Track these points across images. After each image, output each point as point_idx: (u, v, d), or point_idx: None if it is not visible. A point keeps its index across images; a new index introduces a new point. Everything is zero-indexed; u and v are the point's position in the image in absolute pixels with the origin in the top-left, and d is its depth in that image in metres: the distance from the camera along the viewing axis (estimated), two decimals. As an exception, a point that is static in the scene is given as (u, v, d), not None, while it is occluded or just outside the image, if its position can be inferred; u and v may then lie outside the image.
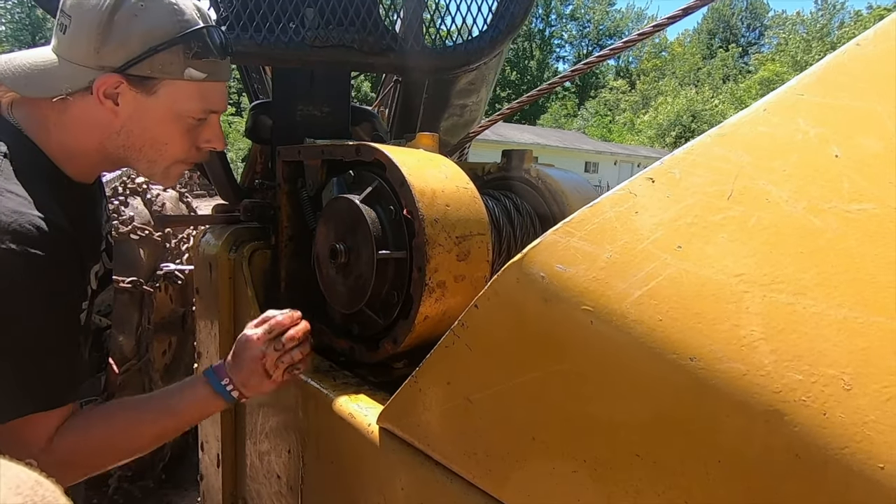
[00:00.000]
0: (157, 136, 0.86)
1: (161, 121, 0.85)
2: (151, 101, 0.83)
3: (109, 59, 0.79)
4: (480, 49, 1.29)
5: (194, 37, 0.81)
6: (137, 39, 0.79)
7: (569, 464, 0.50)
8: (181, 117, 0.86)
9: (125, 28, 0.78)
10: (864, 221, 0.40)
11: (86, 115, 0.83)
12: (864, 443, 0.34)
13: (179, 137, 0.88)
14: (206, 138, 0.91)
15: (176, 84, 0.83)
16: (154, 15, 0.79)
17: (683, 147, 0.51)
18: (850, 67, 0.47)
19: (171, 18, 0.80)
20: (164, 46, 0.80)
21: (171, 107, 0.84)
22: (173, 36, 0.80)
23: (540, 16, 49.72)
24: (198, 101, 0.86)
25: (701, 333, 0.42)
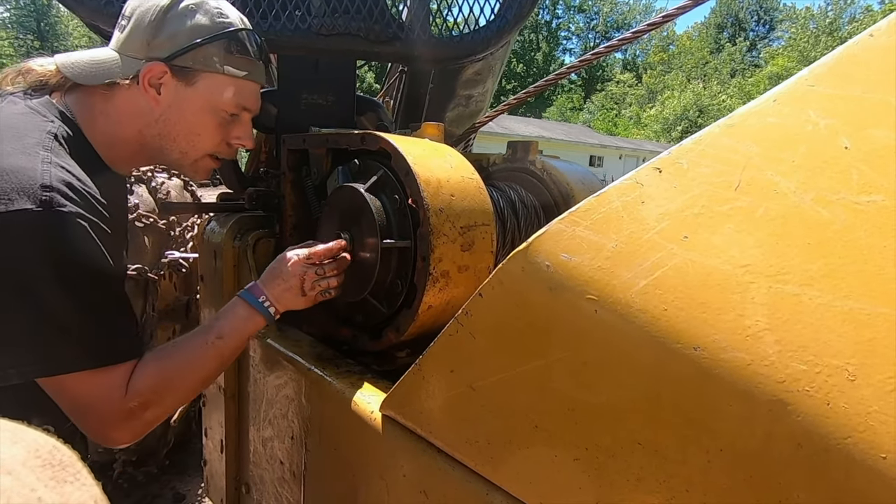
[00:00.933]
0: (193, 126, 0.93)
1: (198, 111, 0.92)
2: (191, 92, 0.90)
3: (158, 50, 0.87)
4: (487, 39, 1.28)
5: (235, 36, 0.90)
6: (185, 34, 0.87)
7: (571, 451, 0.50)
8: (216, 110, 0.93)
9: (175, 24, 0.87)
10: (873, 213, 0.40)
11: (130, 102, 0.89)
12: (867, 433, 0.35)
13: (213, 130, 0.94)
14: (237, 135, 0.98)
15: (215, 77, 0.90)
16: (202, 14, 0.89)
17: (691, 137, 0.50)
18: (863, 58, 0.47)
19: (216, 18, 0.89)
20: (208, 41, 0.88)
21: (209, 98, 0.91)
22: (216, 33, 0.88)
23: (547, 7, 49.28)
24: (233, 95, 0.93)
25: (706, 323, 0.42)
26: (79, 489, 0.24)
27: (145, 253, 2.18)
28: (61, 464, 0.24)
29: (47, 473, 0.23)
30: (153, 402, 0.80)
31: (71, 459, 0.24)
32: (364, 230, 0.90)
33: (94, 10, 1.02)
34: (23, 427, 0.25)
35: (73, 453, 0.25)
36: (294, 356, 1.00)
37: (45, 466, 0.23)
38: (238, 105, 0.94)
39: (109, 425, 0.78)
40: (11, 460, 0.23)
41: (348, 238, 0.93)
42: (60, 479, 0.23)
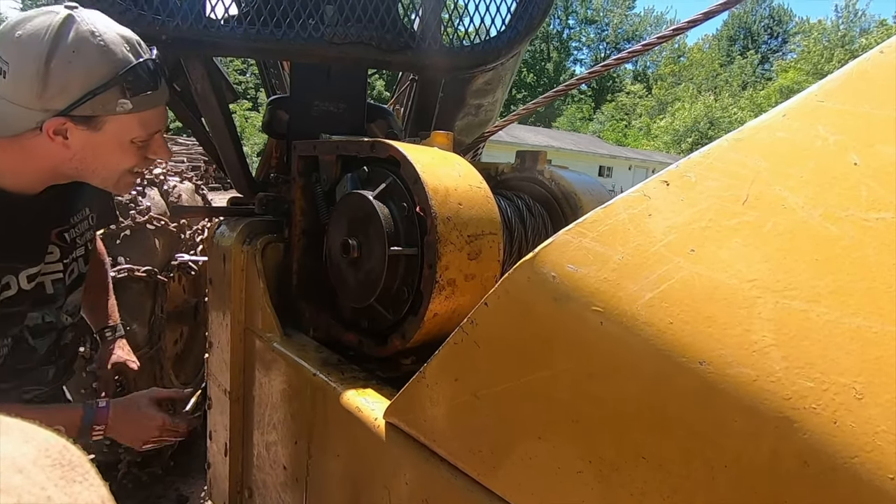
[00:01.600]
0: (109, 161, 0.98)
1: (110, 150, 0.96)
2: (99, 136, 0.93)
3: (53, 103, 0.87)
4: (497, 49, 1.29)
5: (128, 75, 0.90)
6: (76, 84, 0.86)
7: (574, 464, 0.50)
8: (128, 144, 0.97)
9: (62, 74, 0.85)
10: (882, 230, 0.40)
11: (38, 147, 0.92)
12: (875, 453, 0.34)
13: (129, 158, 0.99)
14: (153, 152, 1.03)
15: (118, 118, 0.92)
16: (87, 59, 0.86)
17: (700, 151, 0.50)
18: (874, 75, 0.47)
19: (103, 60, 0.87)
20: (101, 89, 0.88)
21: (118, 138, 0.95)
22: (108, 78, 0.88)
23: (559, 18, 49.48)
24: (139, 128, 0.96)
25: (712, 338, 0.41)
26: (87, 489, 0.24)
27: (155, 255, 2.20)
28: (71, 464, 0.24)
29: (57, 473, 0.23)
30: None
31: (80, 460, 0.25)
32: (372, 237, 0.91)
33: (111, 16, 1.04)
34: (34, 426, 0.25)
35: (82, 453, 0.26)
36: (299, 361, 1.01)
37: (55, 466, 0.23)
38: (147, 134, 0.98)
39: None
40: (23, 458, 0.23)
41: (354, 243, 0.93)
42: (70, 478, 0.23)
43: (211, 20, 1.08)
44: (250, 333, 1.21)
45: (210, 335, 1.39)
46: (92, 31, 0.87)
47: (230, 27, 1.09)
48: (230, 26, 1.09)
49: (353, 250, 0.93)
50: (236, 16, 1.12)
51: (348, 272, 0.97)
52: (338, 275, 1.01)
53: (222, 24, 1.09)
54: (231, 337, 1.24)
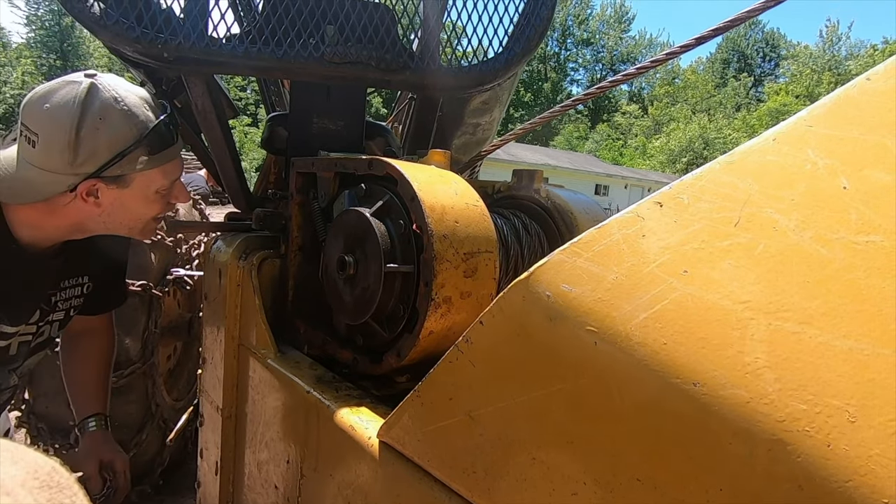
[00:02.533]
0: (136, 213, 1.06)
1: (138, 203, 1.04)
2: (127, 192, 1.02)
3: (84, 168, 0.94)
4: (495, 70, 1.31)
5: (151, 135, 0.98)
6: (104, 148, 0.94)
7: (569, 485, 0.50)
8: (153, 196, 1.05)
9: (91, 141, 0.93)
10: (872, 253, 0.40)
11: (68, 206, 0.99)
12: (869, 476, 0.34)
13: (155, 207, 1.08)
14: (175, 197, 1.12)
15: (144, 174, 1.01)
16: (113, 125, 0.94)
17: (692, 173, 0.51)
18: (860, 101, 0.48)
19: (127, 123, 0.95)
20: (129, 150, 0.95)
21: (144, 192, 1.03)
22: (133, 140, 0.96)
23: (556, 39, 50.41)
24: (163, 179, 1.05)
25: (705, 359, 0.42)
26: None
27: (151, 269, 2.19)
28: (59, 486, 0.24)
29: (45, 495, 0.23)
30: None
31: (69, 481, 0.25)
32: (368, 254, 0.91)
33: (116, 34, 1.06)
34: (23, 448, 0.25)
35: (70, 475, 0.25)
36: (293, 378, 1.00)
37: (43, 488, 0.23)
38: (170, 181, 1.07)
39: None
40: (10, 481, 0.23)
41: (351, 260, 0.94)
42: (57, 501, 0.23)
43: (213, 39, 1.10)
44: (244, 350, 1.21)
45: (204, 351, 1.38)
46: (115, 97, 0.95)
47: (231, 46, 1.11)
48: (231, 45, 1.11)
49: (349, 267, 0.93)
50: (238, 35, 1.14)
51: (344, 289, 0.97)
52: (334, 291, 1.01)
53: (224, 42, 1.11)
54: (225, 353, 1.23)
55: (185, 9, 1.09)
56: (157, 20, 1.06)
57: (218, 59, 1.10)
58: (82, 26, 1.08)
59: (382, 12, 1.24)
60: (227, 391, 1.23)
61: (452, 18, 1.34)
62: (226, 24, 1.13)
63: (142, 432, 2.19)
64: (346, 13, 1.19)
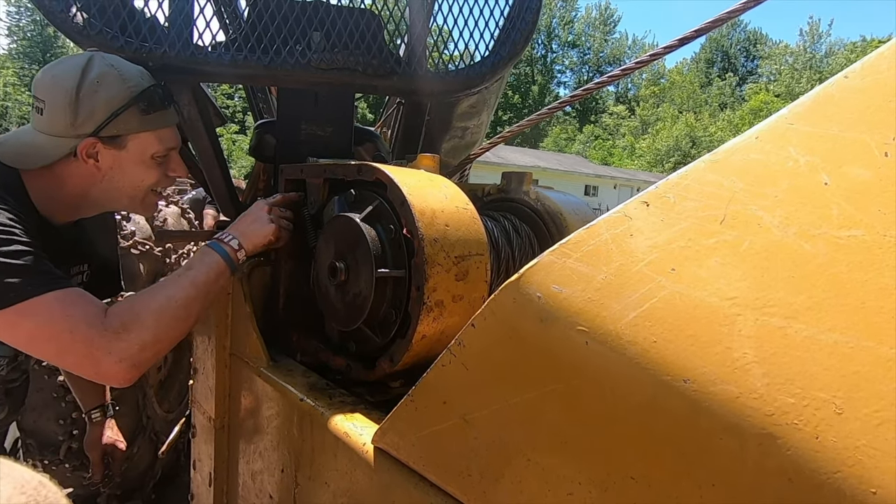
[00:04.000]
0: (134, 177, 1.09)
1: (135, 165, 1.08)
2: (124, 154, 1.06)
3: (83, 128, 1.00)
4: (482, 74, 1.32)
5: (143, 97, 1.03)
6: (101, 108, 1.00)
7: (564, 486, 0.50)
8: (150, 160, 1.09)
9: (89, 102, 0.99)
10: (854, 247, 0.41)
11: (74, 172, 1.05)
12: (857, 467, 0.35)
13: (151, 173, 1.11)
14: (171, 169, 1.14)
15: (139, 136, 1.06)
16: (109, 86, 1.00)
17: (678, 172, 0.52)
18: (839, 98, 0.49)
19: (122, 86, 1.01)
20: (122, 109, 1.01)
21: (141, 154, 1.07)
22: (127, 99, 1.01)
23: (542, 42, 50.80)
24: (158, 144, 1.08)
25: (694, 356, 0.42)
26: None
27: (140, 279, 2.17)
28: (46, 500, 0.23)
29: None
30: (133, 323, 0.90)
31: (56, 496, 0.24)
32: (359, 259, 0.91)
33: (99, 44, 1.05)
34: (10, 463, 0.25)
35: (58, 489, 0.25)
36: (286, 386, 0.99)
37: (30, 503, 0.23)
38: (165, 149, 1.10)
39: (98, 350, 0.87)
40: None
41: (342, 266, 0.93)
42: None
43: (198, 47, 1.09)
44: (236, 359, 1.20)
45: (195, 361, 1.36)
46: (111, 64, 1.02)
47: (217, 54, 1.10)
48: (217, 53, 1.11)
49: (340, 273, 0.93)
50: (224, 42, 1.14)
51: (336, 295, 0.97)
52: (325, 298, 1.00)
53: (209, 50, 1.11)
54: (216, 363, 1.22)
55: (170, 17, 1.09)
56: (141, 29, 1.06)
57: (204, 67, 1.10)
58: (65, 36, 1.08)
59: (369, 18, 1.24)
60: (220, 401, 1.22)
61: (439, 23, 1.34)
62: (211, 31, 1.13)
63: (133, 445, 2.16)
64: (332, 19, 1.19)
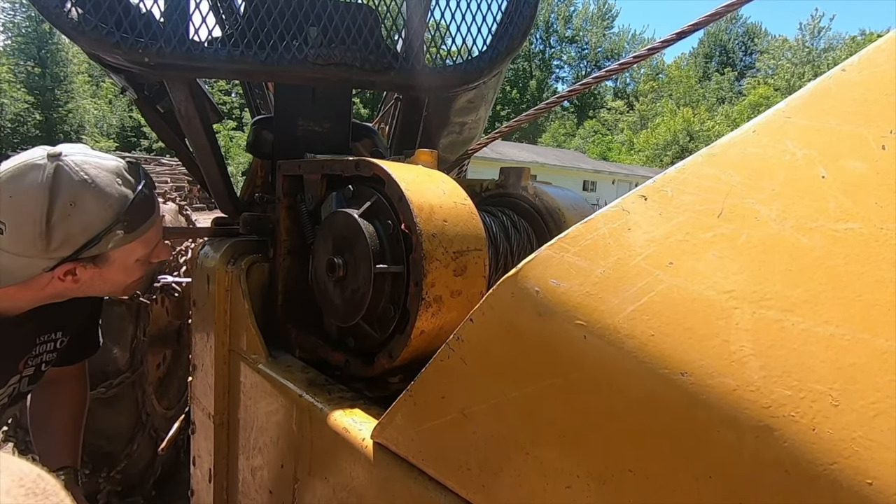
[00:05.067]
0: (117, 281, 1.03)
1: (117, 274, 1.01)
2: (106, 267, 0.97)
3: (59, 252, 0.90)
4: (480, 69, 1.31)
5: (126, 214, 0.93)
6: (79, 232, 0.89)
7: (562, 479, 0.50)
8: (133, 264, 1.02)
9: (64, 228, 0.88)
10: (850, 240, 0.41)
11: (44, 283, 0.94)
12: (853, 459, 0.35)
13: (135, 273, 1.05)
14: (156, 257, 1.08)
15: (123, 249, 0.96)
16: (85, 208, 0.89)
17: (675, 166, 0.52)
18: (836, 92, 0.49)
19: (101, 205, 0.90)
20: (104, 232, 0.91)
21: (124, 264, 1.00)
22: (109, 221, 0.91)
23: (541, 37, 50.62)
24: (143, 249, 1.01)
25: (692, 349, 0.42)
26: None
27: (138, 277, 2.16)
28: (45, 493, 0.23)
29: (30, 502, 0.23)
30: None
31: (55, 489, 0.24)
32: (357, 255, 0.91)
33: (95, 40, 1.04)
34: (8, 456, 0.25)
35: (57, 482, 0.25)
36: (285, 382, 0.99)
37: (29, 495, 0.23)
38: (150, 248, 1.03)
39: None
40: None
41: (340, 262, 0.93)
42: None
43: (194, 43, 1.09)
44: (235, 355, 1.20)
45: (194, 358, 1.37)
46: (84, 179, 0.89)
47: (214, 49, 1.10)
48: (214, 49, 1.10)
49: (338, 269, 0.93)
50: (220, 38, 1.13)
51: (334, 291, 0.97)
52: (324, 294, 1.00)
53: (206, 46, 1.10)
54: (215, 359, 1.22)
55: (166, 12, 1.08)
56: (136, 24, 1.05)
57: (200, 63, 1.09)
58: (60, 32, 1.07)
59: (366, 13, 1.23)
60: (219, 398, 1.22)
61: (436, 18, 1.34)
62: (207, 27, 1.12)
63: (132, 442, 2.17)
64: (329, 14, 1.18)
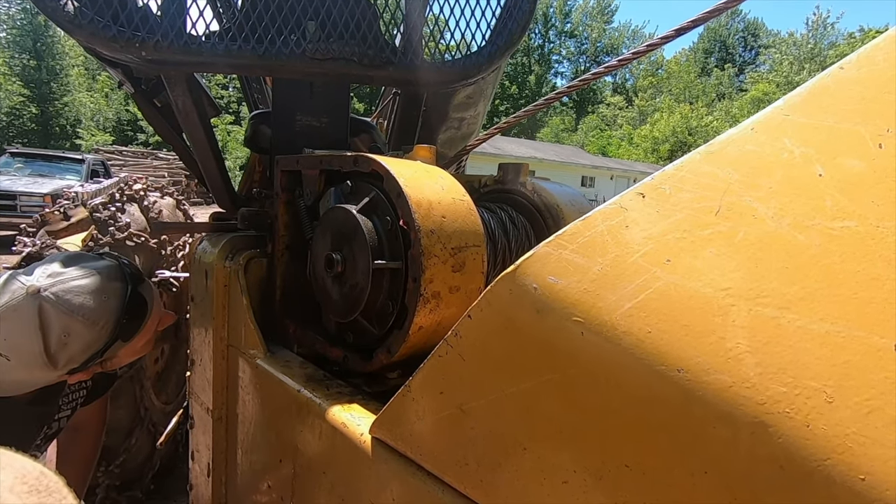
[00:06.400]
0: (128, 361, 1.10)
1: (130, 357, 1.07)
2: (117, 360, 1.04)
3: (68, 367, 0.96)
4: (478, 64, 1.31)
5: (121, 328, 0.97)
6: (80, 354, 0.95)
7: (559, 474, 0.50)
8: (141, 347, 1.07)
9: (64, 354, 0.94)
10: (847, 238, 0.41)
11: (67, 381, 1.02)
12: (846, 455, 0.35)
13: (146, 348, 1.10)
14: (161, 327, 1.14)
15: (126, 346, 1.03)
16: (79, 336, 0.94)
17: (673, 163, 0.52)
18: (834, 90, 0.49)
19: (93, 329, 0.94)
20: (104, 348, 0.96)
21: (130, 354, 1.05)
22: (105, 341, 0.96)
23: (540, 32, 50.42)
24: (145, 337, 1.06)
25: (689, 345, 0.42)
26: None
27: (136, 272, 2.16)
28: (48, 489, 0.24)
29: (34, 499, 0.23)
30: None
31: (57, 485, 0.25)
32: (355, 251, 0.91)
33: (91, 33, 1.04)
34: (10, 453, 0.25)
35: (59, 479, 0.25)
36: (283, 377, 1.00)
37: (32, 492, 0.23)
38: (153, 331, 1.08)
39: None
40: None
41: (339, 258, 0.93)
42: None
43: (191, 37, 1.08)
44: (233, 350, 1.20)
45: (192, 353, 1.37)
46: (68, 310, 0.92)
47: (211, 44, 1.09)
48: (211, 43, 1.09)
49: (337, 265, 0.93)
50: (217, 32, 1.13)
51: (333, 287, 0.97)
52: (322, 289, 1.00)
53: (203, 40, 1.09)
54: (214, 354, 1.22)
55: (163, 6, 1.07)
56: (133, 18, 1.04)
57: (197, 57, 1.09)
58: (56, 25, 1.06)
59: (364, 7, 1.23)
60: (217, 393, 1.23)
61: (435, 13, 1.33)
62: (205, 21, 1.12)
63: (131, 437, 2.17)
64: (328, 8, 1.18)
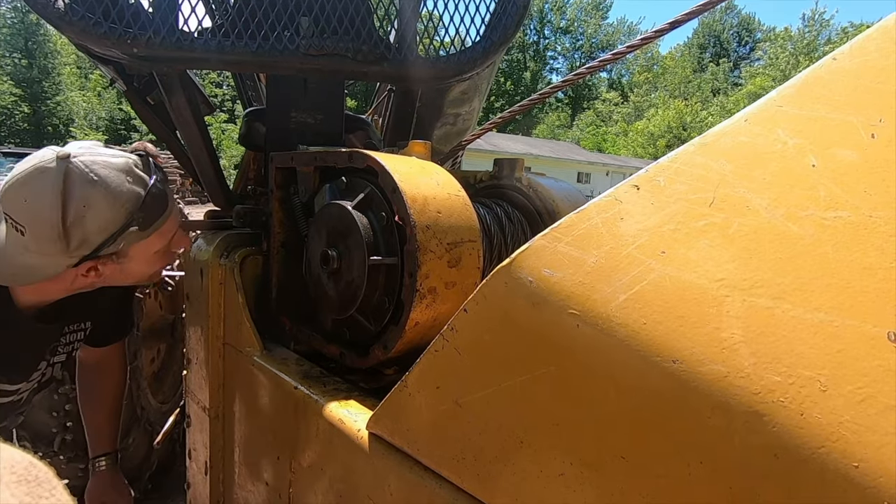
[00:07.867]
0: (139, 272, 1.07)
1: (139, 266, 1.05)
2: (126, 261, 1.01)
3: (78, 252, 0.93)
4: (473, 60, 1.30)
5: (139, 212, 0.96)
6: (95, 234, 0.93)
7: (556, 466, 0.50)
8: (153, 255, 1.05)
9: (80, 230, 0.91)
10: (840, 228, 0.41)
11: (69, 277, 1.00)
12: (840, 442, 0.35)
13: (156, 264, 1.09)
14: (175, 246, 1.12)
15: (140, 243, 1.00)
16: (98, 210, 0.92)
17: (667, 156, 0.52)
18: (827, 80, 0.49)
19: (113, 206, 0.93)
20: (119, 231, 0.94)
21: (144, 256, 1.03)
22: (123, 221, 0.94)
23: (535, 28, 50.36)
24: (160, 241, 1.05)
25: (684, 336, 0.43)
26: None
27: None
28: (37, 480, 0.23)
29: (23, 489, 0.23)
30: None
31: (47, 476, 0.24)
32: (351, 247, 0.90)
33: (82, 30, 1.03)
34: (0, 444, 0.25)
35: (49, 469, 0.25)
36: (280, 374, 0.99)
37: (21, 482, 0.23)
38: (168, 240, 1.06)
39: None
40: None
41: (334, 254, 0.93)
42: (36, 494, 0.23)
43: (184, 33, 1.07)
44: (230, 348, 1.20)
45: (188, 351, 1.36)
46: (94, 179, 0.91)
47: (204, 40, 1.08)
48: (204, 39, 1.09)
49: (332, 261, 0.93)
50: (210, 28, 1.12)
51: (328, 283, 0.97)
52: (318, 286, 1.00)
53: (196, 37, 1.09)
54: (210, 352, 1.22)
55: (154, 2, 1.06)
56: (124, 15, 1.03)
57: (190, 54, 1.08)
58: (47, 23, 1.05)
59: (358, 3, 1.22)
60: (214, 391, 1.22)
61: (429, 8, 1.33)
62: (197, 17, 1.11)
63: (128, 437, 2.16)
64: (321, 4, 1.17)
